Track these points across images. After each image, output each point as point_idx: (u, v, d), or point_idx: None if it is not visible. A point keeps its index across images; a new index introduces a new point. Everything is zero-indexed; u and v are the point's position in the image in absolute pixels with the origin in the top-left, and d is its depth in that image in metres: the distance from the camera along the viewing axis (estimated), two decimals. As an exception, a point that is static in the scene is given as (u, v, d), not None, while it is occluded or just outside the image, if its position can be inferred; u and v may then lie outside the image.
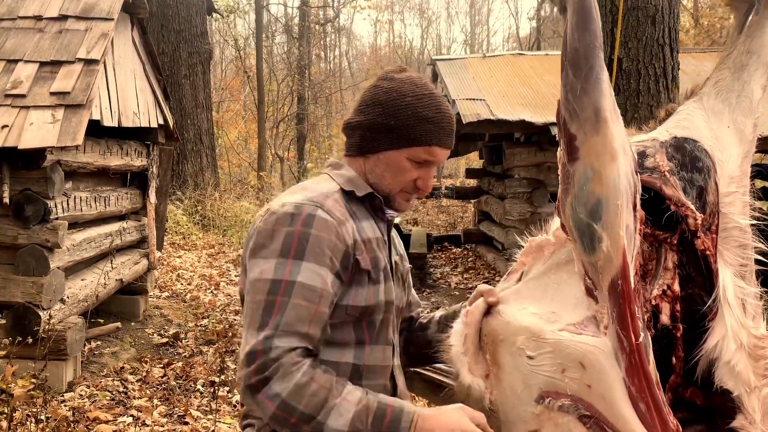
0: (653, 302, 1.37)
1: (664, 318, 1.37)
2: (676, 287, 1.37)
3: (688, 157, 1.41)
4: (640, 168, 1.42)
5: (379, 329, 1.42)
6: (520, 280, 1.50)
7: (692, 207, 1.36)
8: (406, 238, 9.47)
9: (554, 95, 7.68)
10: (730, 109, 1.49)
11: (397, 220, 8.89)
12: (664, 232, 1.39)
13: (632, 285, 1.18)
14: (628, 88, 3.46)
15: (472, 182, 14.07)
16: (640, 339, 1.16)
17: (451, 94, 8.13)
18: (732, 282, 1.33)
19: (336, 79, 28.40)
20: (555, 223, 1.46)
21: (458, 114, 7.53)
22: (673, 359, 1.36)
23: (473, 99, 7.88)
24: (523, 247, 1.54)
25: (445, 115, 1.43)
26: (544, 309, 1.34)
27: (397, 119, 1.38)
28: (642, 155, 1.44)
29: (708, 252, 1.35)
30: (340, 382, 1.25)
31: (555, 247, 1.44)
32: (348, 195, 1.42)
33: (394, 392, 1.47)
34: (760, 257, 1.42)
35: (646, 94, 3.45)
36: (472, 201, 12.29)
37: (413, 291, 1.68)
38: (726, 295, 1.32)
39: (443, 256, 10.30)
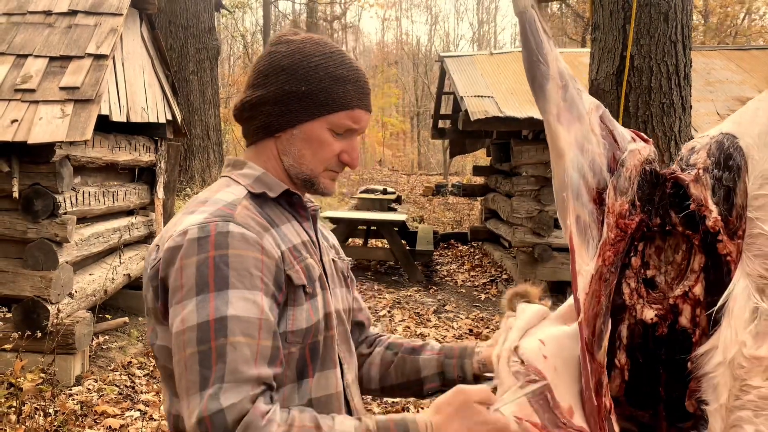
0: (672, 302, 1.36)
1: (684, 320, 1.35)
2: (698, 290, 1.34)
3: (723, 155, 1.36)
4: (686, 164, 1.40)
5: (323, 352, 1.18)
6: None
7: (712, 207, 1.31)
8: (412, 236, 9.47)
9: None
10: None
11: (402, 217, 8.93)
12: (694, 232, 1.36)
13: (578, 270, 1.28)
14: (639, 86, 3.42)
15: (479, 180, 14.04)
16: (579, 319, 1.26)
17: (459, 90, 8.11)
18: (745, 293, 1.26)
19: (343, 76, 28.34)
20: None
21: (466, 111, 7.51)
22: (689, 364, 1.33)
23: (481, 96, 7.85)
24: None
25: (360, 73, 1.22)
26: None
27: (309, 83, 1.15)
28: (691, 151, 1.44)
29: (729, 258, 1.29)
30: (323, 418, 1.05)
31: None
32: (259, 198, 1.18)
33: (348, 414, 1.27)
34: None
35: (658, 91, 3.42)
36: (479, 198, 12.26)
37: (361, 300, 1.47)
38: (732, 305, 1.26)
39: (450, 253, 10.29)
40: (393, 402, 4.00)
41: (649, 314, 1.35)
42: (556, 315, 1.50)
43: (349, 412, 1.25)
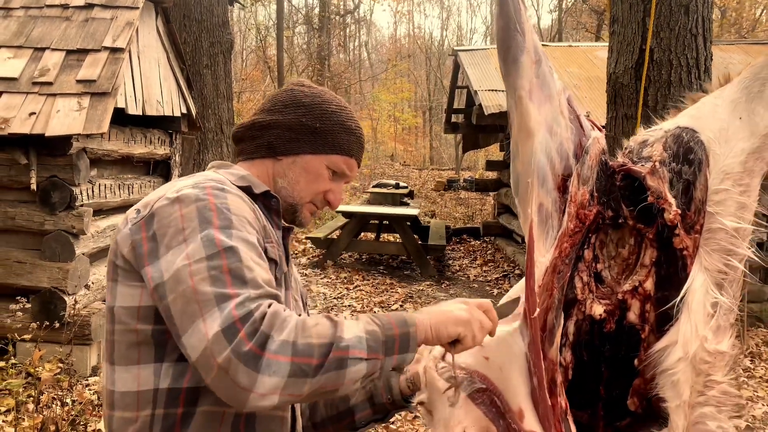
0: (621, 297, 1.32)
1: (632, 316, 1.31)
2: (648, 286, 1.30)
3: (683, 148, 1.33)
4: (638, 157, 1.37)
5: None
6: None
7: (671, 200, 1.27)
8: (424, 230, 9.45)
9: (578, 86, 7.59)
10: (749, 98, 1.34)
11: (415, 212, 8.92)
12: (646, 226, 1.32)
13: (535, 261, 1.21)
14: (659, 79, 3.38)
15: (491, 174, 13.98)
16: (535, 314, 1.18)
17: (473, 84, 8.06)
18: (703, 288, 1.23)
19: (355, 71, 28.36)
20: None
21: (480, 105, 7.47)
22: (636, 361, 1.30)
23: (495, 90, 7.81)
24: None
25: (362, 131, 1.37)
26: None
27: (323, 123, 1.29)
28: (643, 144, 1.40)
29: (686, 252, 1.26)
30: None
31: None
32: (243, 191, 1.23)
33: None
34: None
35: (678, 85, 3.37)
36: (492, 193, 12.21)
37: None
38: (690, 300, 1.23)
39: (462, 248, 10.27)
40: None
41: (598, 310, 1.31)
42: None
43: (294, 417, 1.28)
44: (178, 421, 1.12)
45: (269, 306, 1.00)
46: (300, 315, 1.06)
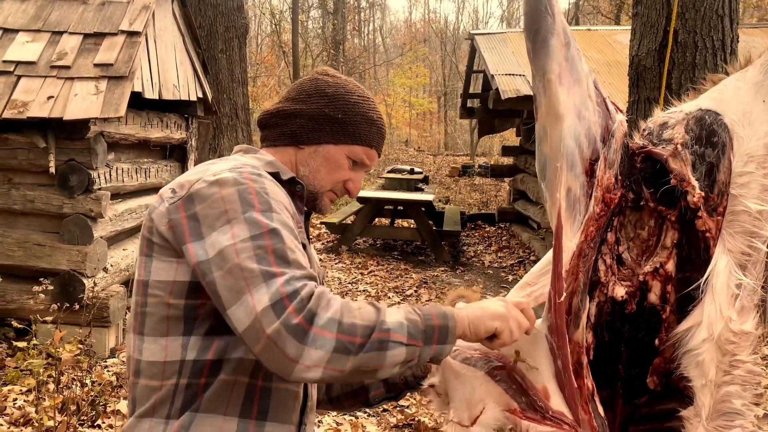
0: (642, 278, 1.34)
1: (653, 297, 1.33)
2: (670, 267, 1.32)
3: (705, 131, 1.33)
4: (659, 139, 1.37)
5: None
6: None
7: (695, 183, 1.29)
8: (439, 216, 9.42)
9: (597, 71, 7.49)
10: None
11: (430, 197, 8.88)
12: (667, 208, 1.34)
13: (563, 246, 1.23)
14: (683, 62, 3.29)
15: (507, 160, 13.88)
16: (561, 298, 1.21)
17: (490, 68, 7.98)
18: (727, 269, 1.26)
19: (370, 55, 28.21)
20: None
21: (497, 90, 7.40)
22: (657, 341, 1.33)
23: (513, 74, 7.73)
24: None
25: (383, 122, 1.40)
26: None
27: (345, 114, 1.32)
28: (663, 126, 1.39)
29: (708, 234, 1.28)
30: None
31: None
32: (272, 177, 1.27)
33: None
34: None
35: (703, 67, 3.28)
36: (508, 179, 12.13)
37: None
38: (714, 281, 1.25)
39: (477, 234, 10.23)
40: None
41: (620, 292, 1.34)
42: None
43: (306, 394, 1.30)
44: (200, 391, 1.16)
45: (315, 286, 1.06)
46: (345, 297, 1.10)
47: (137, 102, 4.80)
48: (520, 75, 7.72)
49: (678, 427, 1.26)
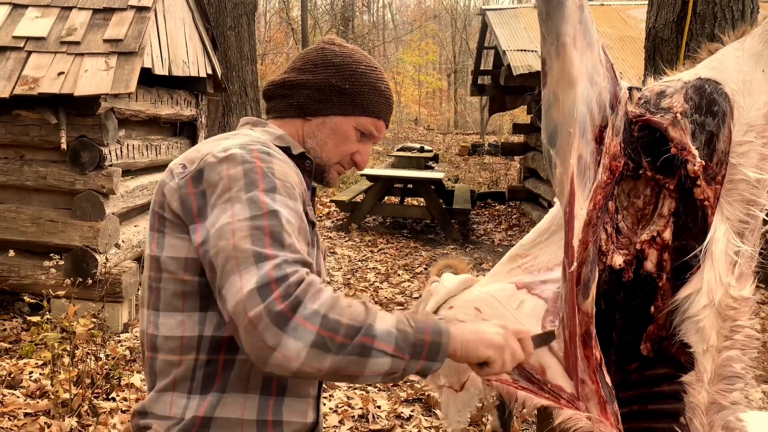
0: (639, 247, 1.34)
1: (649, 265, 1.34)
2: (667, 235, 1.33)
3: (705, 100, 1.33)
4: (656, 108, 1.37)
5: None
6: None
7: (694, 152, 1.29)
8: (449, 195, 9.39)
9: (609, 47, 7.36)
10: None
11: (440, 176, 8.85)
12: (664, 176, 1.34)
13: (576, 214, 1.22)
14: (702, 33, 3.22)
15: (517, 139, 13.77)
16: (572, 268, 1.20)
17: (502, 44, 7.88)
18: (725, 237, 1.27)
19: (379, 32, 27.93)
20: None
21: (509, 66, 7.31)
22: (652, 309, 1.34)
23: (525, 50, 7.62)
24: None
25: (391, 92, 1.37)
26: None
27: (353, 85, 1.28)
28: (661, 95, 1.39)
29: (707, 203, 1.29)
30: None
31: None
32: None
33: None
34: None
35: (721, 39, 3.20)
36: (518, 157, 12.05)
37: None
38: (713, 249, 1.26)
39: (486, 212, 10.20)
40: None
41: (618, 260, 1.35)
42: (492, 274, 1.49)
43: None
44: (220, 368, 1.15)
45: (306, 274, 1.02)
46: (336, 292, 1.06)
47: (147, 78, 4.78)
48: (532, 51, 7.62)
49: (667, 391, 1.28)
